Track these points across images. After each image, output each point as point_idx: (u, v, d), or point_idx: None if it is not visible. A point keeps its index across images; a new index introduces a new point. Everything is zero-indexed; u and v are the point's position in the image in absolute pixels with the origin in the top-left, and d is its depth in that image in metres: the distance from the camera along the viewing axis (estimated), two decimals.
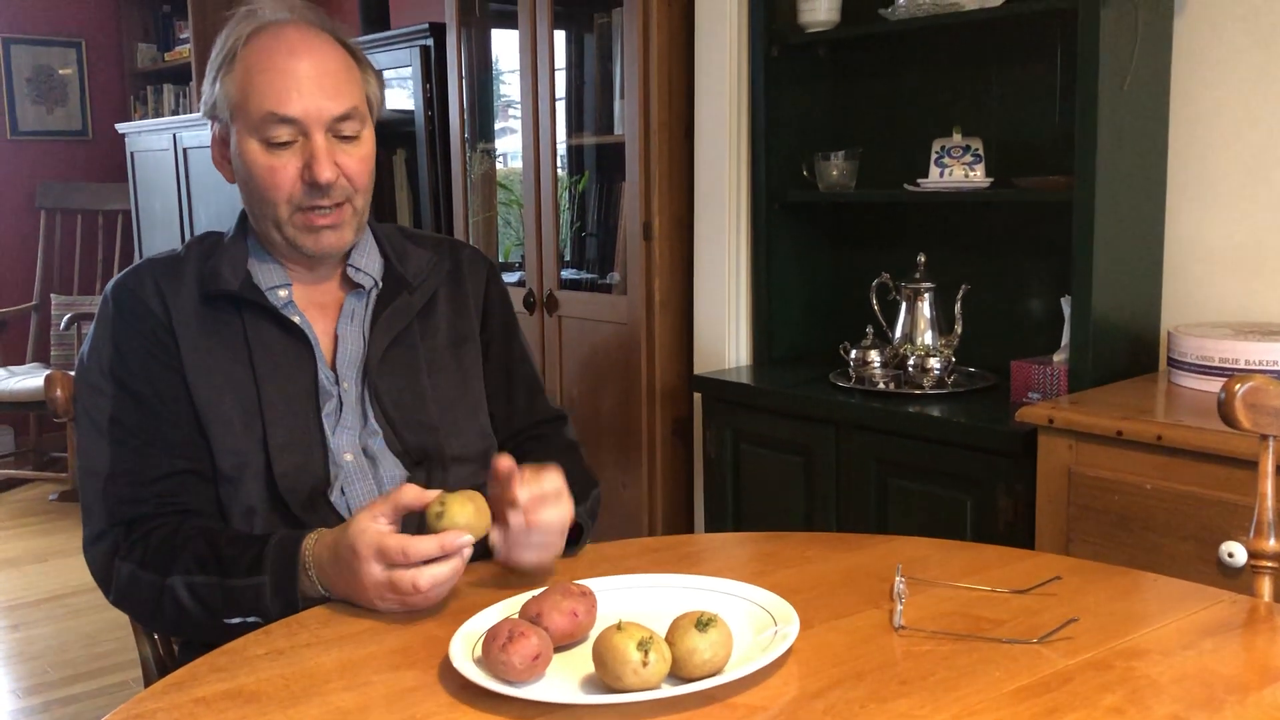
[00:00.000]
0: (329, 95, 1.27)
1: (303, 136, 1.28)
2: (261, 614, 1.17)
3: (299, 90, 1.26)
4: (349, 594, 1.14)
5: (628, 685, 0.91)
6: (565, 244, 3.16)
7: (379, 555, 1.09)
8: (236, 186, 1.36)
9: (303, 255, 1.34)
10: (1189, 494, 1.60)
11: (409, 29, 3.49)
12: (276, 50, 1.28)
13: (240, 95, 1.28)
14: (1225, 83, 2.00)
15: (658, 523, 2.77)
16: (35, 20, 5.08)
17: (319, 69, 1.28)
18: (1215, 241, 2.03)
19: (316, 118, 1.27)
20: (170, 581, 1.20)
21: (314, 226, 1.30)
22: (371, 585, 1.10)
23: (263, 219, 1.33)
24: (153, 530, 1.24)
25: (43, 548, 3.90)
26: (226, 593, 1.18)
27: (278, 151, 1.28)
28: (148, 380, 1.29)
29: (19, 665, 2.96)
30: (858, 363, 2.27)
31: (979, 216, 2.36)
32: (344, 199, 1.31)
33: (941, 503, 2.00)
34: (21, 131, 5.09)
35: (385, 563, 1.09)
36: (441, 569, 1.09)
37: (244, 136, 1.29)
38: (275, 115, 1.26)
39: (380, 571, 1.09)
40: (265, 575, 1.17)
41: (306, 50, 1.28)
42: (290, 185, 1.28)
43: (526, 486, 1.16)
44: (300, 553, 1.17)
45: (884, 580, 1.17)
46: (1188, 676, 0.95)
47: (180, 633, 1.31)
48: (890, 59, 2.47)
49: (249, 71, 1.28)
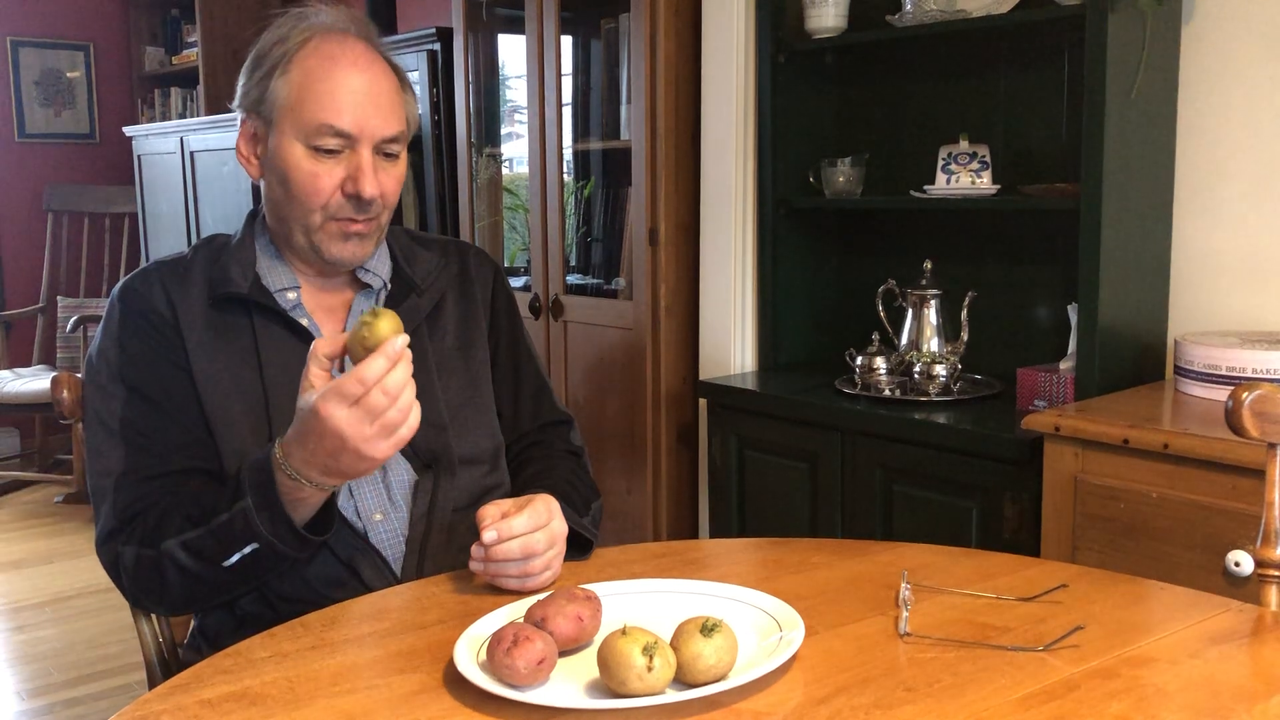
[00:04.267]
0: (384, 116, 1.30)
1: (349, 150, 1.29)
2: (255, 537, 1.15)
3: (357, 106, 1.28)
4: (334, 461, 1.10)
5: (632, 690, 0.91)
6: (571, 249, 3.16)
7: (339, 398, 1.06)
8: (249, 187, 1.36)
9: (321, 261, 1.34)
10: (1196, 503, 1.59)
11: (416, 33, 3.50)
12: (339, 62, 1.28)
13: (295, 99, 1.28)
14: (1233, 91, 1.99)
15: (662, 529, 2.77)
16: (43, 23, 5.10)
17: (376, 88, 1.30)
18: (1223, 249, 2.03)
19: (370, 136, 1.29)
20: (165, 546, 1.20)
21: (347, 234, 1.31)
22: (349, 428, 1.06)
23: (291, 221, 1.33)
24: (148, 511, 1.24)
25: (48, 550, 3.90)
26: (216, 533, 1.17)
27: (323, 159, 1.29)
28: (157, 382, 1.29)
29: (23, 667, 2.97)
30: (863, 369, 2.27)
31: (986, 223, 2.35)
32: (375, 215, 1.33)
33: (947, 510, 2.00)
34: (29, 134, 5.10)
35: (348, 402, 1.06)
36: (398, 373, 1.06)
37: (288, 139, 1.29)
38: (331, 127, 1.27)
39: (349, 410, 1.06)
40: (246, 497, 1.15)
41: (367, 67, 1.30)
42: (330, 193, 1.29)
43: (494, 526, 1.15)
44: (271, 458, 1.14)
45: (889, 587, 1.16)
46: (1194, 685, 0.95)
47: (192, 600, 1.27)
48: (897, 66, 2.47)
49: (307, 76, 1.28)
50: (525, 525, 1.16)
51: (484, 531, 1.13)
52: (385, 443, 1.08)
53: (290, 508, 1.15)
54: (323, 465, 1.11)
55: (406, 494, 1.34)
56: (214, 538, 1.18)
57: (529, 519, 1.16)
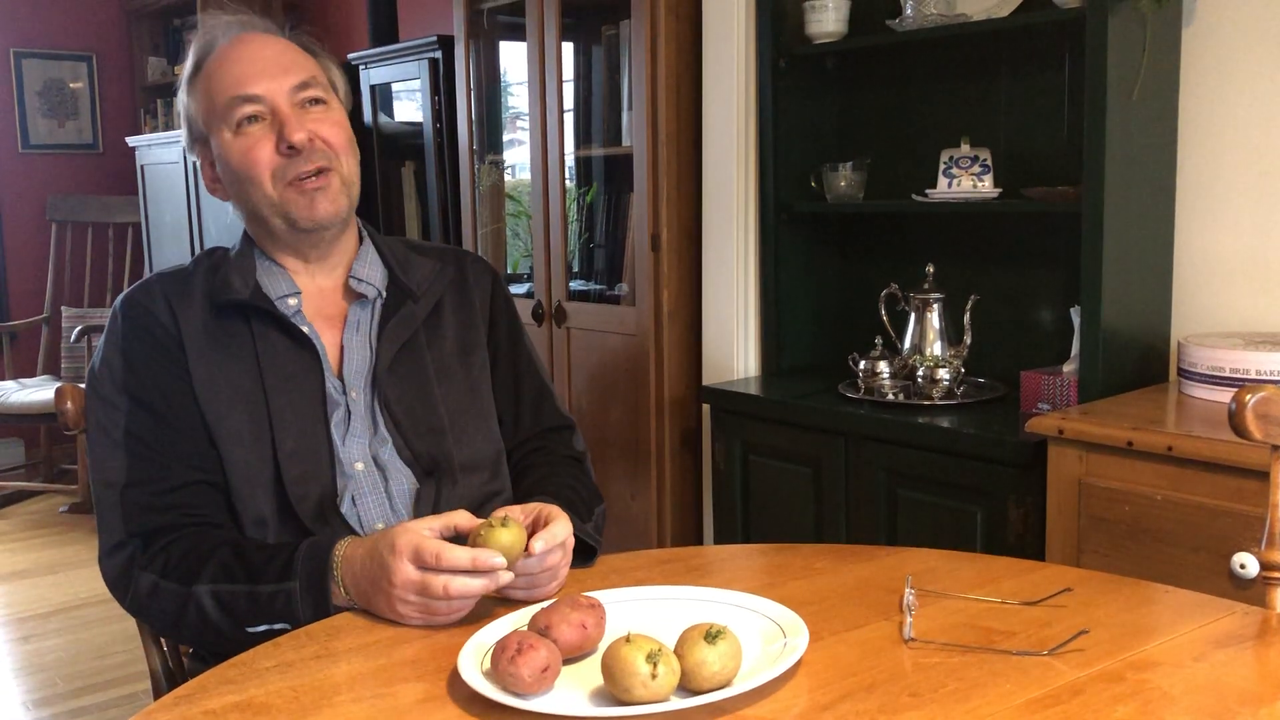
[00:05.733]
0: (283, 68, 1.34)
1: (271, 114, 1.33)
2: (290, 619, 1.17)
3: (255, 69, 1.33)
4: (373, 596, 1.13)
5: (636, 698, 0.91)
6: (573, 255, 3.16)
7: (414, 555, 1.10)
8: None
9: (301, 235, 1.35)
10: (1200, 505, 1.59)
11: (417, 41, 3.50)
12: (229, 49, 1.36)
13: (206, 99, 1.36)
14: (1235, 92, 1.99)
15: (666, 534, 2.77)
16: (47, 34, 5.12)
17: (269, 49, 1.36)
18: (1225, 251, 2.03)
19: (277, 89, 1.33)
20: (195, 590, 1.20)
21: (305, 192, 1.33)
22: (401, 583, 1.10)
23: (257, 205, 1.35)
24: (174, 541, 1.24)
25: (53, 560, 3.91)
26: (254, 600, 1.18)
27: (249, 129, 1.33)
28: (160, 392, 1.30)
29: (29, 677, 2.97)
30: (866, 374, 2.26)
31: (988, 227, 2.35)
32: (326, 164, 1.34)
33: (951, 514, 2.00)
34: (33, 145, 5.12)
35: (419, 564, 1.10)
36: (472, 582, 1.09)
37: (219, 135, 1.35)
38: (238, 96, 1.32)
39: (413, 571, 1.10)
40: (296, 580, 1.17)
41: (256, 40, 1.37)
42: (269, 159, 1.32)
43: (542, 537, 1.14)
44: (332, 556, 1.17)
45: (894, 592, 1.16)
46: (1200, 688, 0.95)
47: (199, 642, 1.31)
48: (898, 70, 2.47)
49: (209, 77, 1.36)
50: (565, 531, 1.16)
51: (533, 541, 1.12)
52: (416, 619, 1.12)
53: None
54: (361, 589, 1.15)
55: (408, 502, 1.34)
56: (250, 602, 1.18)
57: (565, 526, 1.17)
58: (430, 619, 1.11)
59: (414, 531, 1.12)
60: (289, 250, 1.38)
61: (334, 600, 1.17)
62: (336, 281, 1.41)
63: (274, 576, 1.18)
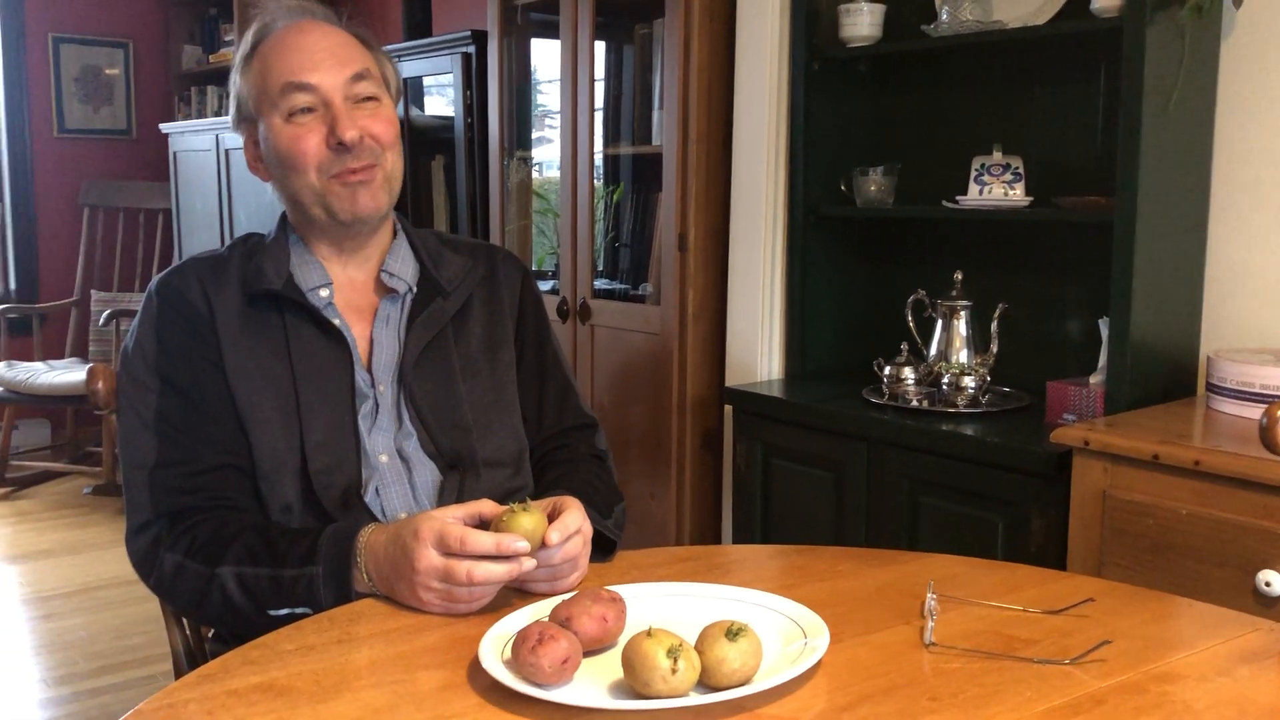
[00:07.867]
0: (340, 61, 1.35)
1: (323, 106, 1.33)
2: (313, 604, 1.17)
3: (312, 60, 1.33)
4: (395, 582, 1.14)
5: (656, 692, 0.91)
6: (599, 254, 3.17)
7: (438, 541, 1.10)
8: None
9: (341, 226, 1.36)
10: (1226, 520, 1.58)
11: (451, 35, 3.52)
12: (288, 34, 1.36)
13: (260, 82, 1.36)
14: (1273, 106, 1.97)
15: (685, 534, 2.77)
16: (84, 21, 5.17)
17: (328, 40, 1.36)
18: (1258, 266, 2.01)
19: (332, 83, 1.33)
20: (219, 572, 1.21)
21: (349, 184, 1.34)
22: (424, 569, 1.10)
23: (300, 195, 1.35)
24: (200, 522, 1.25)
25: (77, 540, 3.95)
26: (277, 583, 1.19)
27: (300, 119, 1.33)
28: (191, 376, 1.31)
29: (50, 655, 3.00)
30: (891, 379, 2.26)
31: (1018, 235, 2.34)
32: (373, 160, 1.35)
33: (973, 523, 1.99)
34: (68, 129, 5.17)
35: (442, 550, 1.10)
36: (495, 568, 1.09)
37: (269, 120, 1.35)
38: (293, 84, 1.33)
39: (436, 557, 1.10)
40: (319, 565, 1.18)
41: (316, 29, 1.37)
42: (317, 151, 1.33)
43: (555, 528, 1.14)
44: (355, 542, 1.18)
45: (915, 597, 1.16)
46: (1223, 703, 0.94)
47: (221, 623, 1.32)
48: (932, 76, 2.46)
49: (265, 59, 1.36)
50: (579, 519, 1.17)
51: (548, 533, 1.13)
52: (438, 605, 1.12)
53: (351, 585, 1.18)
54: (383, 574, 1.16)
55: (431, 494, 1.34)
56: (273, 585, 1.19)
57: (579, 514, 1.17)
58: (452, 606, 1.12)
59: (438, 518, 1.12)
60: (325, 238, 1.39)
61: (356, 586, 1.18)
62: (369, 274, 1.42)
63: (297, 561, 1.19)
